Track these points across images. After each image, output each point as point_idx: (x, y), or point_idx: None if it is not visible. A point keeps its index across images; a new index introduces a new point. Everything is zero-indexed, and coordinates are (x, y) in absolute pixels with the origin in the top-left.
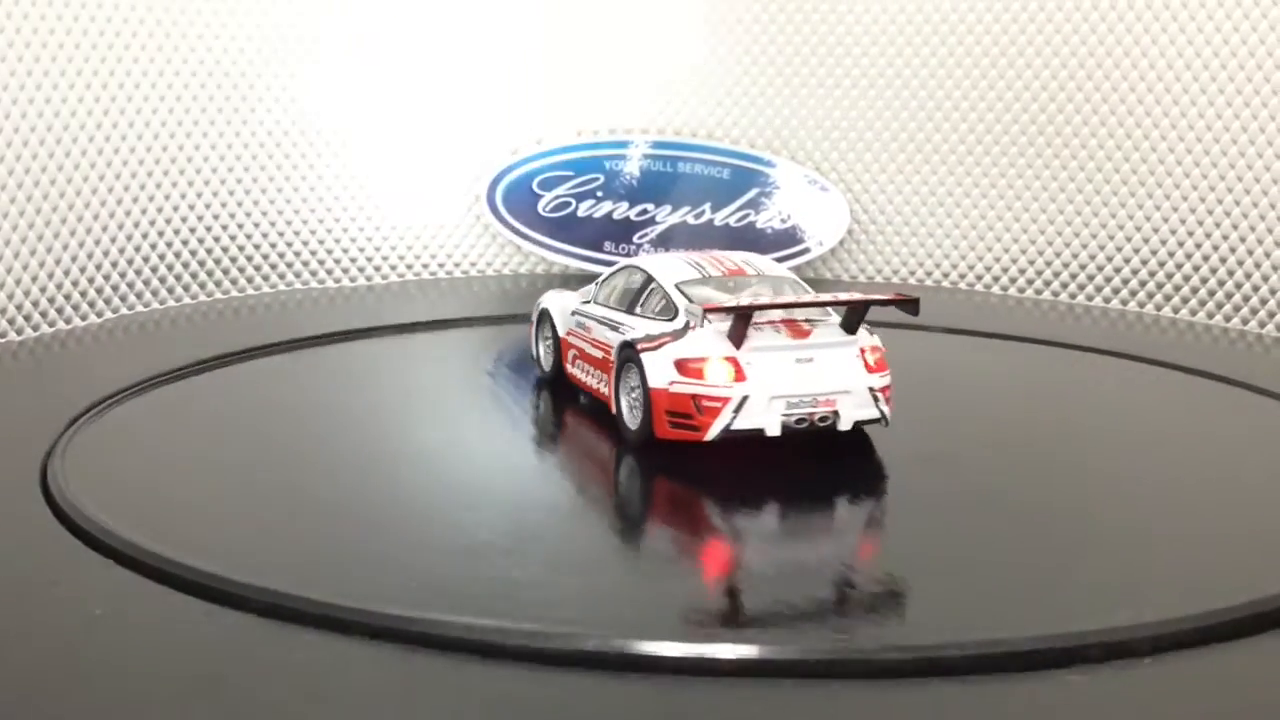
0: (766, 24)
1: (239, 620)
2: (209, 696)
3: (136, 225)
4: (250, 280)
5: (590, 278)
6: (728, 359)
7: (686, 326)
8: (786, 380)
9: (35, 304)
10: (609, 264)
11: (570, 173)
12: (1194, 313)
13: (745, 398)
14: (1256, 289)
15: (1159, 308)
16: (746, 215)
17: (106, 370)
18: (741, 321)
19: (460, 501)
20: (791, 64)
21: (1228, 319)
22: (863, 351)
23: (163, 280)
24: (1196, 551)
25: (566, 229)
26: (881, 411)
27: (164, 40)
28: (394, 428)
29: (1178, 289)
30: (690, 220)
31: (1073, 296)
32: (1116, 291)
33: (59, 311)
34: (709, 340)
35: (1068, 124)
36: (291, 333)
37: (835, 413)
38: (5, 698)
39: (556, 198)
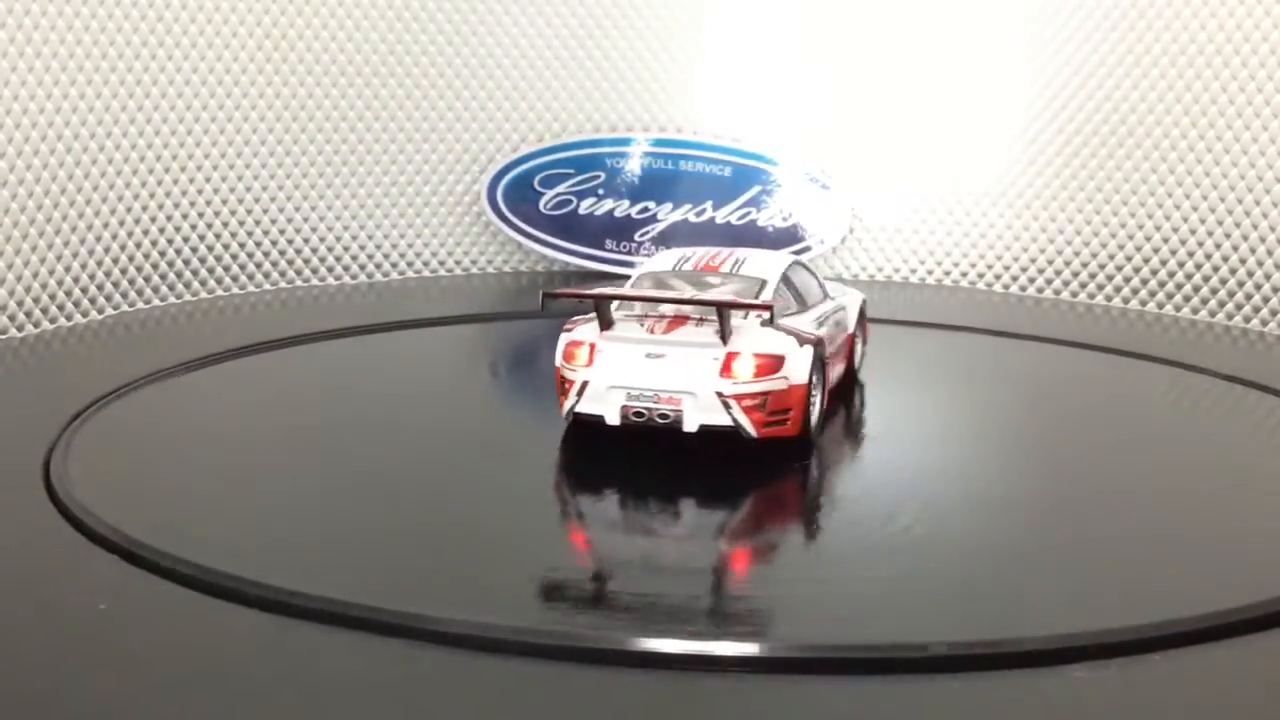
0: (769, 21)
1: (242, 615)
2: (213, 691)
3: (138, 222)
4: (251, 278)
5: (591, 275)
6: (590, 345)
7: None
8: (629, 373)
9: (36, 300)
10: (610, 262)
11: (571, 170)
12: (1195, 311)
13: (585, 383)
14: (1259, 286)
15: (1160, 306)
16: (748, 213)
17: (109, 366)
18: (597, 309)
19: (461, 497)
20: (794, 61)
21: (1230, 316)
22: (730, 357)
23: (164, 277)
24: (1196, 552)
25: (568, 227)
26: (736, 421)
27: (156, 36)
28: (396, 424)
29: (1180, 287)
30: (692, 218)
31: (1074, 295)
32: (1119, 290)
33: (60, 308)
34: (589, 326)
35: (1070, 121)
36: (292, 330)
37: (679, 412)
38: (10, 692)
39: (558, 195)
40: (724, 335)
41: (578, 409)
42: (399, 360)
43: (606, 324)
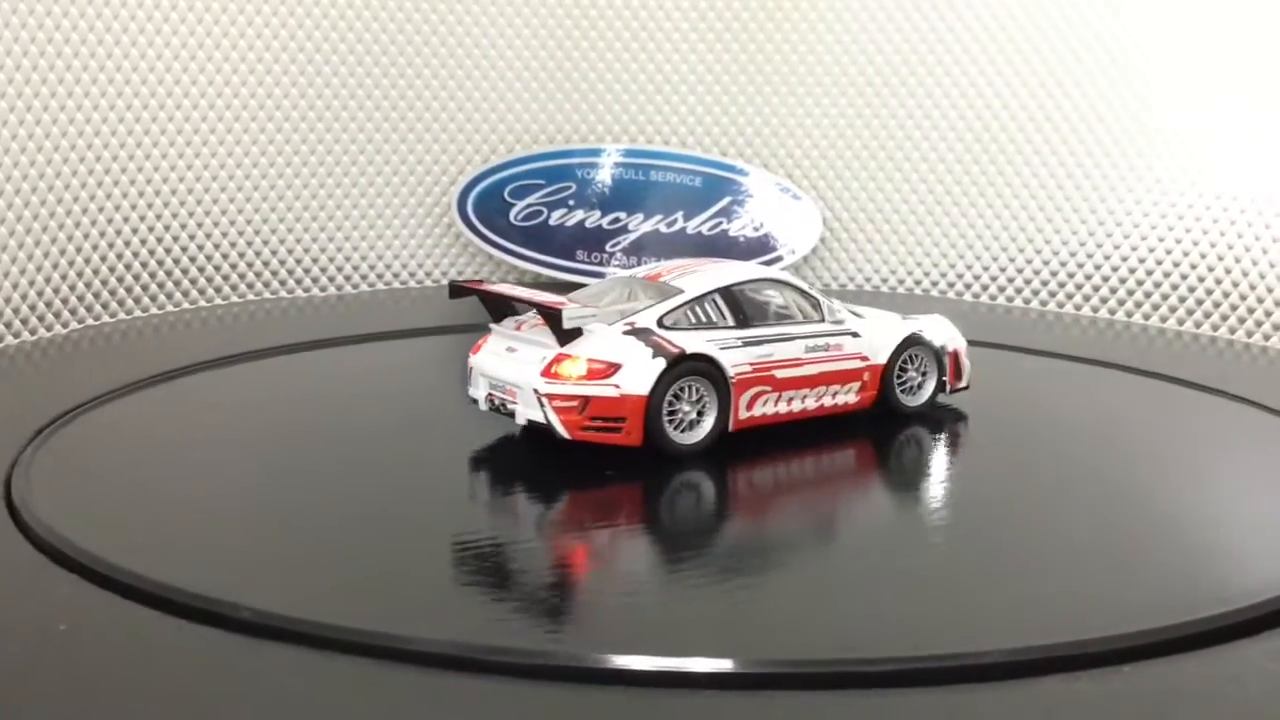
0: (738, 32)
1: (207, 635)
2: (177, 712)
3: (103, 235)
4: (218, 290)
5: (564, 286)
6: (484, 336)
7: None
8: (491, 363)
9: None
10: (581, 273)
11: (542, 181)
12: (1164, 319)
13: (470, 369)
14: (1227, 295)
15: (1129, 315)
16: (719, 224)
17: (72, 382)
18: (484, 302)
19: (435, 514)
20: (764, 72)
21: (1198, 325)
22: (558, 358)
23: (129, 290)
24: (1159, 562)
25: (538, 238)
26: (548, 419)
27: (121, 47)
28: (367, 438)
29: (1148, 295)
30: (663, 229)
31: (1044, 304)
32: (1088, 299)
33: (24, 322)
34: (511, 321)
35: (1038, 131)
36: (259, 343)
37: (515, 405)
38: None
39: (528, 206)
40: (558, 337)
41: (468, 391)
42: (369, 373)
43: (498, 317)
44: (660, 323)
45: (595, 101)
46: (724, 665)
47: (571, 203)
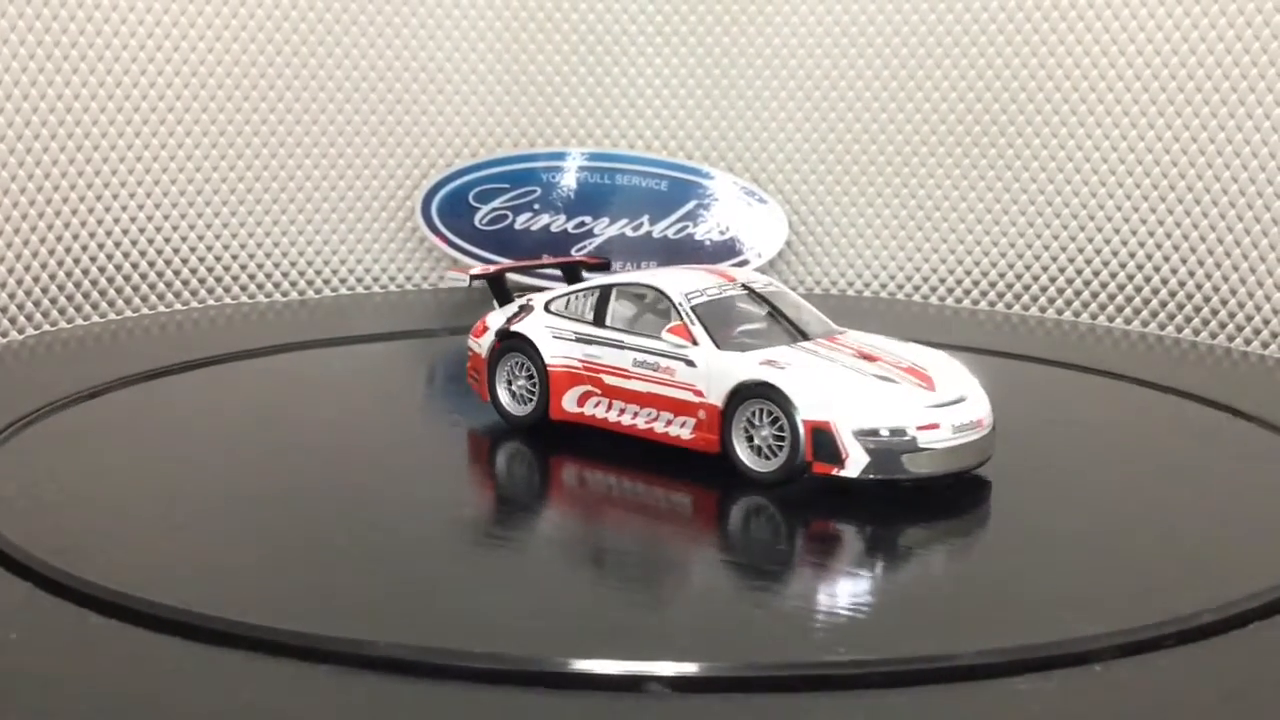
0: (703, 35)
1: (160, 643)
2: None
3: (59, 239)
4: (178, 295)
5: (530, 290)
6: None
7: None
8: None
9: None
10: (547, 277)
11: (506, 185)
12: (1128, 321)
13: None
14: (1191, 297)
15: (1094, 317)
16: (685, 227)
17: (30, 387)
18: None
19: (392, 516)
20: (728, 75)
21: (1162, 327)
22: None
23: (86, 295)
24: (1133, 561)
25: (504, 242)
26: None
27: (78, 50)
28: (331, 443)
29: (1111, 298)
30: (629, 232)
31: (1009, 306)
32: (1052, 301)
33: None
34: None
35: (1002, 135)
36: (222, 347)
37: None
38: None
39: (493, 210)
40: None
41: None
42: (332, 377)
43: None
44: (547, 305)
45: (560, 105)
46: (689, 669)
47: (537, 206)
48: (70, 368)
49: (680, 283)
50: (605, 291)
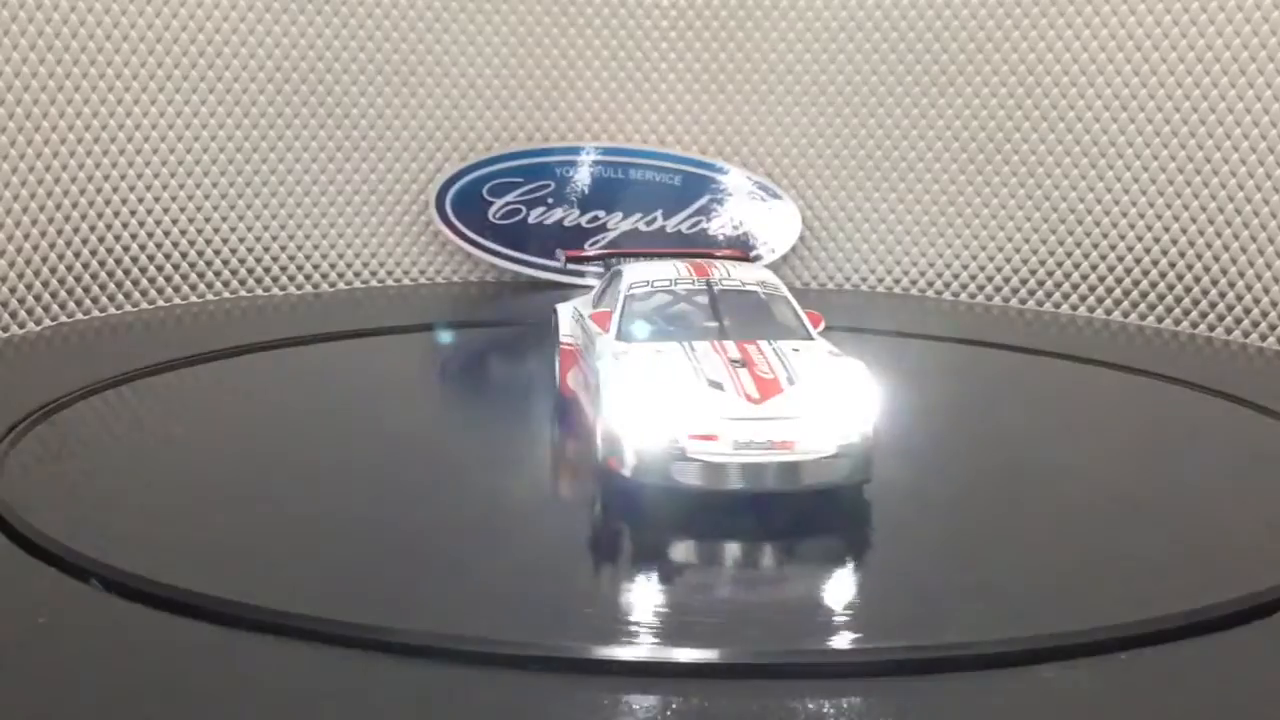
0: (717, 30)
1: (188, 627)
2: (160, 706)
3: (76, 231)
4: (194, 288)
5: (542, 285)
6: None
7: None
8: None
9: None
10: (561, 271)
11: (520, 179)
12: (1143, 317)
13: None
14: (1205, 293)
15: (1109, 312)
16: (698, 222)
17: (47, 379)
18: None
19: (407, 504)
20: (742, 70)
21: (1177, 323)
22: None
23: (103, 288)
24: (1143, 553)
25: (517, 236)
26: None
27: (95, 41)
28: (346, 434)
29: (1126, 294)
30: (642, 227)
31: (1023, 302)
32: (1066, 297)
33: None
34: None
35: (1017, 130)
36: (238, 340)
37: None
38: None
39: (507, 205)
40: None
41: None
42: (347, 370)
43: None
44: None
45: (574, 99)
46: (708, 655)
47: (550, 201)
48: (89, 359)
49: (640, 272)
50: (613, 276)
